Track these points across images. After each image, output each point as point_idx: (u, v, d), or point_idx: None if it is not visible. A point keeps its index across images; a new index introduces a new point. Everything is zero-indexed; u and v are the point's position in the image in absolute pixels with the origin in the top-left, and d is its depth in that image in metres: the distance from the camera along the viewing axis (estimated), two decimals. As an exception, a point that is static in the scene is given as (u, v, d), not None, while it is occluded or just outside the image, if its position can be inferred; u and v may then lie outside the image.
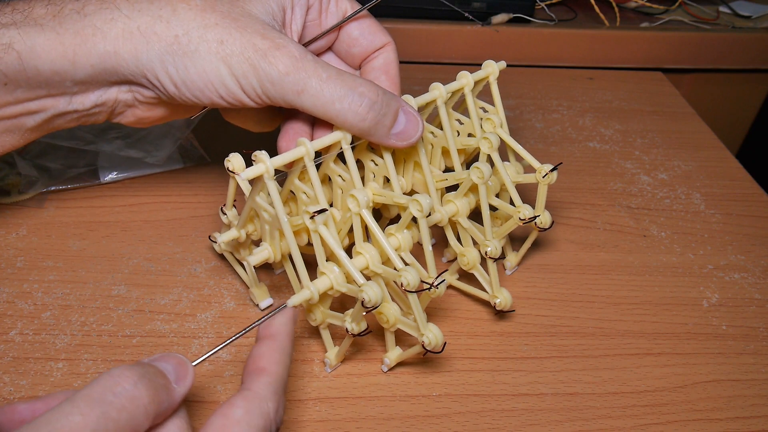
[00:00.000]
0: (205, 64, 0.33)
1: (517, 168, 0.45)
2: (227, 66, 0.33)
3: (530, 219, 0.40)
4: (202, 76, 0.33)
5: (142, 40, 0.33)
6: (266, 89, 0.34)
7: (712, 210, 0.54)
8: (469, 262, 0.40)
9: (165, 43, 0.33)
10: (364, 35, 0.39)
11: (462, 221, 0.40)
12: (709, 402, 0.38)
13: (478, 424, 0.36)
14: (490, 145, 0.40)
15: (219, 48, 0.33)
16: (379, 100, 0.34)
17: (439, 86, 0.40)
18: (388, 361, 0.37)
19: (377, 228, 0.34)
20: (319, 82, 0.33)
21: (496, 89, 0.43)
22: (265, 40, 0.33)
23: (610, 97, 0.70)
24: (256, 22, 0.34)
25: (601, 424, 0.37)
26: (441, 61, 0.74)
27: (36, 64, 0.33)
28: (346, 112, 0.34)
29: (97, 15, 0.33)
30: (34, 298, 0.41)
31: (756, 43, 0.79)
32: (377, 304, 0.32)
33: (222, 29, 0.33)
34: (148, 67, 0.34)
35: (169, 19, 0.33)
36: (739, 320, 0.44)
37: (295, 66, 0.33)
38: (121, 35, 0.33)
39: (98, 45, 0.33)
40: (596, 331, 0.42)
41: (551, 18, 0.76)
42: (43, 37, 0.33)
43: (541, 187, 0.41)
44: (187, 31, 0.33)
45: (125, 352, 0.38)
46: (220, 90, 0.34)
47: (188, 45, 0.33)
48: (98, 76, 0.34)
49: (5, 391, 0.35)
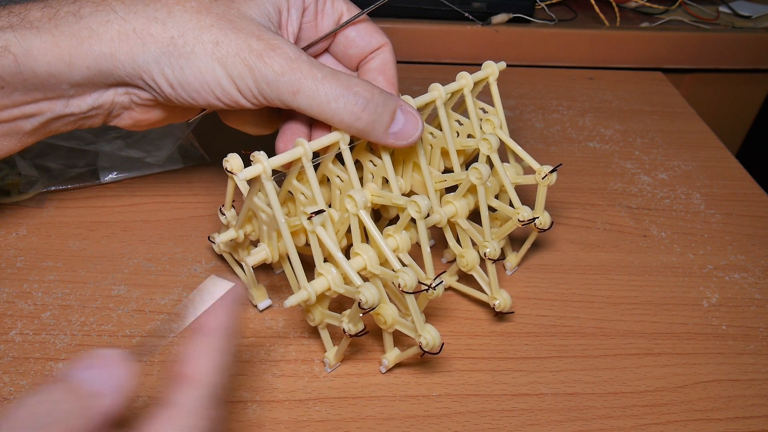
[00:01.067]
0: (201, 65, 0.33)
1: (517, 169, 0.45)
2: (223, 67, 0.33)
3: (529, 220, 0.40)
4: (198, 77, 0.33)
5: (138, 42, 0.33)
6: (262, 90, 0.34)
7: (712, 210, 0.54)
8: (468, 263, 0.40)
9: (161, 44, 0.33)
10: (361, 36, 0.39)
11: (461, 222, 0.40)
12: (709, 402, 0.38)
13: (478, 424, 0.36)
14: (489, 146, 0.40)
15: (215, 49, 0.33)
16: (375, 99, 0.34)
17: (438, 87, 0.40)
18: (386, 362, 0.37)
19: (375, 229, 0.34)
20: (314, 82, 0.33)
21: (496, 90, 0.43)
22: (261, 41, 0.33)
23: (610, 97, 0.70)
24: (252, 24, 0.34)
25: (601, 424, 0.37)
26: (441, 61, 0.74)
27: (32, 67, 0.33)
28: (341, 111, 0.34)
29: (92, 17, 0.33)
30: (34, 298, 0.41)
31: (756, 43, 0.79)
32: (374, 306, 0.32)
33: (217, 30, 0.33)
34: (145, 69, 0.34)
35: (165, 21, 0.33)
36: (739, 320, 0.44)
37: (291, 66, 0.33)
38: (116, 37, 0.33)
39: (94, 47, 0.33)
40: (596, 331, 0.42)
41: (551, 18, 0.76)
42: (39, 40, 0.33)
43: (540, 189, 0.41)
44: (182, 33, 0.33)
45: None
46: (216, 91, 0.34)
47: (184, 46, 0.33)
48: (94, 78, 0.34)
49: (5, 391, 0.35)
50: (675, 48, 0.77)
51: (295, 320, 0.41)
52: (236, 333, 0.25)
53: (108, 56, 0.33)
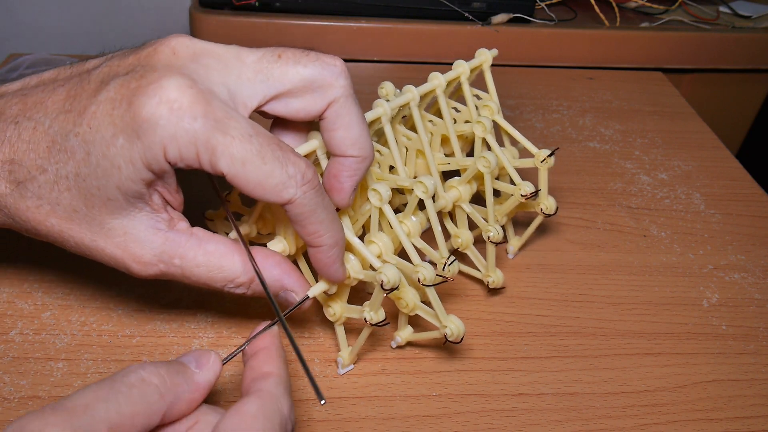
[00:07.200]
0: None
1: (513, 152, 0.46)
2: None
3: (531, 194, 0.41)
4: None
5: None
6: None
7: (712, 210, 0.54)
8: (463, 242, 0.42)
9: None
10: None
11: (464, 206, 0.41)
12: (709, 402, 0.38)
13: (478, 424, 0.36)
14: (483, 128, 0.42)
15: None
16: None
17: (438, 75, 0.42)
18: (399, 339, 0.38)
19: (395, 221, 0.35)
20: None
21: (490, 76, 0.45)
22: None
23: (610, 97, 0.70)
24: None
25: (601, 424, 0.37)
26: (441, 61, 0.73)
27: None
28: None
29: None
30: (34, 298, 0.41)
31: (756, 43, 0.79)
32: (396, 285, 0.32)
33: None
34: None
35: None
36: (739, 320, 0.44)
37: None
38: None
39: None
40: (596, 331, 0.42)
41: (551, 18, 0.76)
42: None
43: (541, 172, 0.42)
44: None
45: (125, 352, 0.38)
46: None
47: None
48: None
49: (5, 391, 0.35)
50: (675, 48, 0.77)
51: (294, 321, 0.41)
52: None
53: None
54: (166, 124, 0.27)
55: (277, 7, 0.73)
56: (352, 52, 0.73)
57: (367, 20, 0.73)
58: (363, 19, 0.73)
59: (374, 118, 0.37)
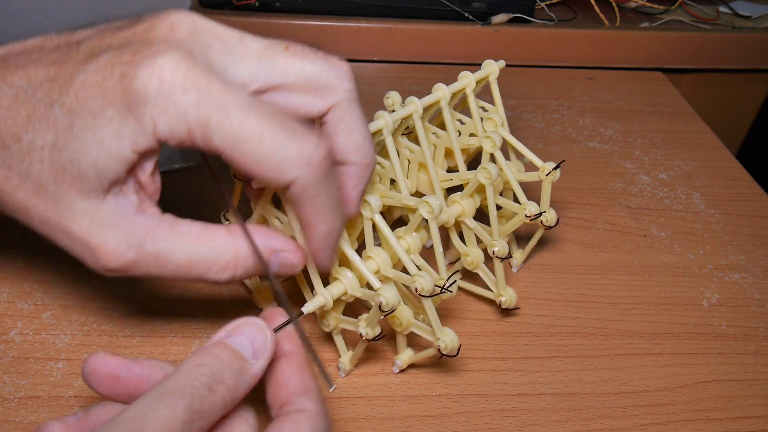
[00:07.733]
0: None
1: (518, 166, 0.45)
2: None
3: (536, 215, 0.40)
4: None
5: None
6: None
7: (712, 210, 0.54)
8: (473, 261, 0.40)
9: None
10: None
11: (468, 221, 0.40)
12: (709, 402, 0.38)
13: (478, 424, 0.36)
14: (493, 143, 0.40)
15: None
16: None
17: (442, 87, 0.40)
18: (400, 362, 0.37)
19: (389, 232, 0.34)
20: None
21: (497, 89, 0.44)
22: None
23: (610, 97, 0.70)
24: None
25: (601, 424, 0.37)
26: (441, 61, 0.74)
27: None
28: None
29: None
30: (34, 298, 0.41)
31: (756, 43, 0.79)
32: (395, 308, 0.31)
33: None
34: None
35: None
36: (739, 320, 0.44)
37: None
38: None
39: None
40: (596, 331, 0.42)
41: (551, 18, 0.76)
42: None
43: (545, 185, 0.41)
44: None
45: (125, 352, 0.38)
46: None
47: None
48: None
49: (5, 391, 0.35)
50: (675, 48, 0.77)
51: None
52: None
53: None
54: (157, 98, 0.26)
55: (277, 7, 0.73)
56: (352, 52, 0.73)
57: (367, 20, 0.73)
58: (363, 19, 0.73)
59: (376, 130, 0.36)
